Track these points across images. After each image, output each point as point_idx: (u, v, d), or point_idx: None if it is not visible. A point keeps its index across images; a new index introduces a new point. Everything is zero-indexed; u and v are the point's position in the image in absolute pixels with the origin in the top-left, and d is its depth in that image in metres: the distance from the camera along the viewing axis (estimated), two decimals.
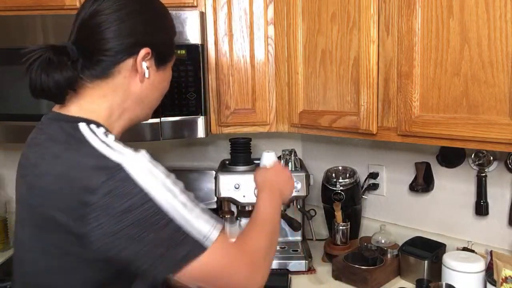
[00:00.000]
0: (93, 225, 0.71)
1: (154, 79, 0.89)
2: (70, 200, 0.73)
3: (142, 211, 0.72)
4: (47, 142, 0.81)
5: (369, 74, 1.23)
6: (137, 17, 0.85)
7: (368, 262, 1.42)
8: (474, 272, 1.25)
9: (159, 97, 0.96)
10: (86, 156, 0.75)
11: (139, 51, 0.84)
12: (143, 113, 0.94)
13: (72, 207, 0.73)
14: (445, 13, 1.05)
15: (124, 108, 0.87)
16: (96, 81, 0.84)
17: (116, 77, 0.84)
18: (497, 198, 1.38)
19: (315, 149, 1.90)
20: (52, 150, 0.79)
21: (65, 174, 0.75)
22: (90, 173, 0.73)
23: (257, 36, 1.52)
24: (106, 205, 0.71)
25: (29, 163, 0.83)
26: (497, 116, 0.98)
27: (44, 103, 1.43)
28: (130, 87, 0.86)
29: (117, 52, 0.83)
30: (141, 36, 0.85)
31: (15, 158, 0.92)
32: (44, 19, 1.39)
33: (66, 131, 0.80)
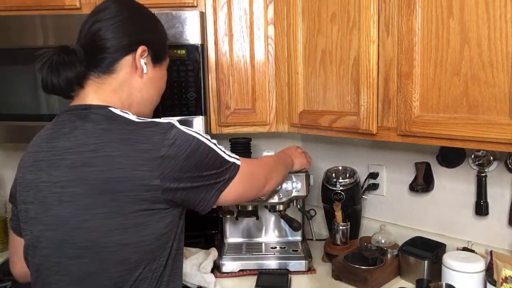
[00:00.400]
0: (167, 171, 0.87)
1: (152, 76, 1.03)
2: (138, 158, 0.86)
3: (200, 152, 0.92)
4: (86, 124, 0.91)
5: (369, 74, 1.23)
6: (130, 20, 0.99)
7: (368, 262, 1.42)
8: (474, 272, 1.24)
9: (158, 94, 1.09)
10: (137, 124, 0.91)
11: (137, 48, 0.98)
12: (145, 109, 1.06)
13: (141, 164, 0.86)
14: (445, 13, 1.05)
15: (130, 102, 1.00)
16: (103, 76, 0.96)
17: (119, 72, 0.97)
18: (497, 198, 1.38)
19: (315, 149, 1.90)
20: (96, 128, 0.89)
21: (125, 139, 0.88)
22: (149, 134, 0.89)
23: (257, 36, 1.52)
24: (173, 154, 0.88)
25: (62, 150, 0.90)
26: (497, 116, 0.98)
27: (44, 103, 1.44)
28: (132, 82, 0.99)
29: (117, 49, 0.96)
30: (136, 35, 0.99)
31: (15, 158, 0.93)
32: (44, 19, 1.39)
33: (100, 114, 0.92)
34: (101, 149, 0.87)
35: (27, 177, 0.95)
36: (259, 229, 1.71)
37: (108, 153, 0.87)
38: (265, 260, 1.55)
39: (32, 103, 1.45)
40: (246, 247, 1.66)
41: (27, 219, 0.95)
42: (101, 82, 0.96)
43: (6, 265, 1.60)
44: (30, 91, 1.44)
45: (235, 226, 1.70)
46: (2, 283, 1.44)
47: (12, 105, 1.45)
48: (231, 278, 1.50)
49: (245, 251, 1.62)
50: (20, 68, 1.43)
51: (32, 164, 0.95)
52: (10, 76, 1.44)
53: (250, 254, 1.59)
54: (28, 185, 0.95)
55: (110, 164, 0.86)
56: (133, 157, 0.86)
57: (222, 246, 1.65)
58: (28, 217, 0.95)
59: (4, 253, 1.75)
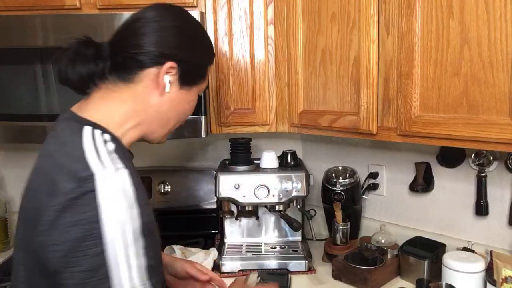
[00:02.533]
0: (47, 227, 0.71)
1: (175, 97, 0.90)
2: (40, 199, 0.74)
3: (86, 229, 0.69)
4: (50, 140, 0.84)
5: (369, 74, 1.23)
6: (173, 31, 0.88)
7: (368, 262, 1.42)
8: (474, 272, 1.25)
9: (178, 118, 0.95)
10: (70, 158, 0.76)
11: (165, 63, 0.86)
12: (159, 131, 0.93)
13: (38, 207, 0.73)
14: (445, 13, 1.05)
15: (140, 119, 0.88)
16: (119, 84, 0.86)
17: (137, 83, 0.86)
18: (497, 198, 1.38)
19: (315, 149, 1.90)
20: (49, 149, 0.82)
21: (47, 174, 0.77)
22: (66, 177, 0.73)
23: (257, 36, 1.52)
24: (63, 212, 0.70)
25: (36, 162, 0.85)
26: (497, 116, 0.98)
27: (44, 103, 1.44)
28: (149, 98, 0.87)
29: (143, 57, 0.85)
30: (169, 49, 0.87)
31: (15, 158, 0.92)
32: (44, 19, 1.39)
33: (70, 131, 0.82)
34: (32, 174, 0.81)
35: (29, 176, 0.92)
36: (259, 229, 1.71)
37: (32, 182, 0.80)
38: (265, 260, 1.55)
39: (32, 103, 1.45)
40: (246, 247, 1.66)
41: None
42: (113, 90, 0.86)
43: (6, 265, 1.60)
44: (30, 91, 1.44)
45: (235, 226, 1.70)
46: (2, 283, 1.44)
47: (12, 105, 1.45)
48: (231, 278, 1.50)
49: (245, 251, 1.62)
50: (20, 68, 1.43)
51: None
52: (10, 76, 1.44)
53: (250, 254, 1.59)
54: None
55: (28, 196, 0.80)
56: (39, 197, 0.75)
57: (222, 246, 1.65)
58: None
59: (4, 253, 1.75)
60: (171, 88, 0.88)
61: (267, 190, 1.52)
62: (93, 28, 1.38)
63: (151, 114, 0.89)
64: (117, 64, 0.85)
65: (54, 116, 1.42)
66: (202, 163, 1.95)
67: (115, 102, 0.86)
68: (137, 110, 0.87)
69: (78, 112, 0.85)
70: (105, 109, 0.86)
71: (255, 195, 1.53)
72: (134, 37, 0.85)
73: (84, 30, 1.37)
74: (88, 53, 0.83)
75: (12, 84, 1.44)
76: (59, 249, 0.70)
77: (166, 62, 0.86)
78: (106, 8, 1.45)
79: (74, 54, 0.82)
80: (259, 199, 1.53)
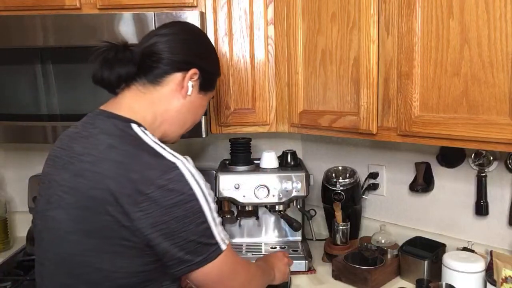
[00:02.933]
0: (143, 213, 0.80)
1: (194, 100, 1.03)
2: (125, 186, 0.81)
3: (187, 208, 0.83)
4: (100, 135, 0.89)
5: (369, 74, 1.23)
6: (191, 42, 1.02)
7: (368, 262, 1.42)
8: (474, 272, 1.25)
9: (193, 120, 1.08)
10: (143, 151, 0.86)
11: (189, 69, 0.98)
12: (177, 131, 1.05)
13: (126, 193, 0.81)
14: (445, 13, 1.05)
15: (164, 119, 0.99)
16: (147, 86, 0.96)
17: (164, 87, 0.97)
18: (497, 198, 1.38)
19: (315, 149, 1.90)
20: (107, 141, 0.87)
21: (123, 162, 0.84)
22: (147, 166, 0.83)
23: (257, 36, 1.52)
24: (158, 197, 0.81)
25: (75, 153, 0.90)
26: (497, 116, 0.98)
27: (44, 104, 1.44)
28: (173, 100, 0.99)
29: (170, 63, 0.96)
30: (192, 57, 1.00)
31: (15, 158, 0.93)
32: (44, 19, 1.39)
33: (119, 127, 0.90)
34: (98, 163, 0.85)
35: (45, 169, 0.97)
36: (259, 229, 1.71)
37: (101, 170, 0.84)
38: None
39: (32, 103, 1.45)
40: (246, 247, 1.66)
41: (37, 209, 0.97)
42: (143, 91, 0.96)
43: (6, 265, 1.60)
44: (30, 91, 1.44)
45: (235, 226, 1.70)
46: (2, 283, 1.45)
47: (12, 105, 1.45)
48: None
49: (245, 251, 1.62)
50: (20, 68, 1.43)
51: (52, 158, 0.95)
52: (10, 76, 1.44)
53: (250, 254, 1.59)
54: (44, 177, 0.96)
55: (97, 182, 0.83)
56: (121, 184, 0.82)
57: None
58: (37, 208, 0.97)
59: (4, 253, 1.75)
60: (192, 92, 1.00)
61: (267, 190, 1.52)
62: (93, 28, 1.38)
63: (172, 115, 1.00)
64: (147, 68, 0.96)
65: (54, 116, 1.45)
66: (202, 163, 1.95)
67: (145, 102, 0.96)
68: (162, 111, 0.98)
69: (112, 110, 0.94)
70: (137, 109, 0.95)
71: (255, 195, 1.53)
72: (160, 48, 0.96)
73: (84, 30, 1.39)
74: (125, 57, 0.93)
75: (12, 84, 1.44)
76: (166, 227, 0.81)
77: (190, 69, 0.98)
78: (106, 8, 1.45)
79: (114, 57, 0.92)
80: (259, 199, 1.53)
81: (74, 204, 0.86)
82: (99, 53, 0.92)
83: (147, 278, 0.87)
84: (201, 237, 0.85)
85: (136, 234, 0.82)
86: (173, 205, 0.81)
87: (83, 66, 1.42)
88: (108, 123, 0.91)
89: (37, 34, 1.40)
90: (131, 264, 0.85)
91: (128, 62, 0.93)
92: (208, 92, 1.07)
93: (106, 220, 0.82)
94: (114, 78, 0.92)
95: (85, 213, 0.85)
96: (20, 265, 1.59)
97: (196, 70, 0.99)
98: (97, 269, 0.85)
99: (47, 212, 0.91)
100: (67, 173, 0.89)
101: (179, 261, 0.85)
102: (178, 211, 0.82)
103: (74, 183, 0.87)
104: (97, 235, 0.84)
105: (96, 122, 0.92)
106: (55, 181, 0.91)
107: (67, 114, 1.44)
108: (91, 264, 0.86)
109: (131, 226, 0.81)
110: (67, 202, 0.87)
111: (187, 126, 1.07)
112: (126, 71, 0.93)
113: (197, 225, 0.84)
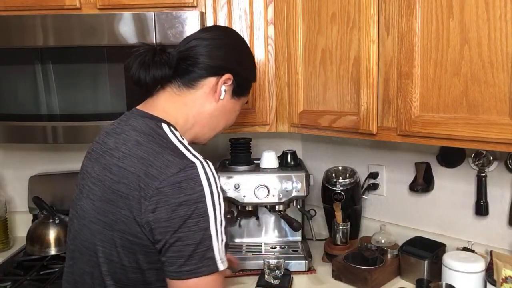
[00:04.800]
0: (152, 207, 0.82)
1: (226, 105, 1.05)
2: (143, 180, 0.84)
3: (193, 208, 0.82)
4: (131, 131, 0.93)
5: (369, 74, 1.23)
6: (228, 48, 1.04)
7: (368, 262, 1.42)
8: (474, 272, 1.25)
9: (225, 124, 1.10)
10: (167, 149, 0.88)
11: (223, 74, 1.00)
12: (208, 134, 1.07)
13: (142, 187, 0.83)
14: (445, 13, 1.05)
15: (196, 121, 1.01)
16: (182, 89, 0.99)
17: (198, 90, 0.99)
18: (497, 198, 1.38)
19: (315, 149, 1.90)
20: (136, 138, 0.91)
21: (145, 158, 0.86)
22: (166, 163, 0.84)
23: (257, 36, 1.52)
24: (169, 193, 0.82)
25: (107, 148, 0.94)
26: (497, 116, 0.98)
27: (44, 104, 1.44)
28: (205, 103, 1.01)
29: (206, 67, 0.98)
30: (228, 62, 1.02)
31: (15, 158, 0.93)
32: (44, 19, 1.39)
33: (150, 126, 0.93)
34: (124, 159, 0.88)
35: (84, 161, 1.01)
36: (259, 229, 1.71)
37: (126, 165, 0.87)
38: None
39: (32, 103, 1.45)
40: (246, 247, 1.66)
41: (73, 198, 1.02)
42: (178, 94, 0.99)
43: (6, 265, 1.60)
44: (30, 91, 1.44)
45: (235, 226, 1.70)
46: (2, 283, 1.45)
47: (12, 105, 1.45)
48: (231, 278, 1.50)
49: (245, 251, 1.62)
50: (20, 68, 1.43)
51: (90, 151, 1.00)
52: (10, 76, 1.44)
53: (250, 254, 1.59)
54: (81, 169, 1.01)
55: (121, 176, 0.87)
56: (140, 178, 0.84)
57: None
58: (73, 197, 1.02)
59: (4, 253, 1.75)
60: (225, 97, 1.02)
61: (267, 190, 1.52)
62: (93, 28, 1.38)
63: (205, 118, 1.02)
64: (182, 71, 0.98)
65: (54, 116, 1.45)
66: None
67: (179, 104, 0.99)
68: (195, 113, 1.00)
69: (146, 110, 0.97)
70: (171, 110, 0.98)
71: (255, 195, 1.53)
72: (197, 52, 0.98)
73: (84, 30, 1.39)
74: (163, 59, 0.95)
75: (12, 84, 1.44)
76: (169, 224, 0.82)
77: (224, 74, 1.00)
78: (106, 8, 1.45)
79: (151, 59, 0.94)
80: (259, 199, 1.53)
81: (100, 196, 0.90)
82: (137, 55, 0.95)
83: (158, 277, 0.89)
84: (199, 244, 0.82)
85: (145, 230, 0.84)
86: (181, 203, 0.82)
87: (83, 66, 1.43)
88: (141, 121, 0.94)
89: (37, 34, 1.40)
90: (139, 260, 0.88)
91: (164, 65, 0.94)
92: (241, 97, 1.09)
93: (122, 214, 0.85)
94: (150, 80, 0.94)
95: (107, 206, 0.88)
96: (20, 265, 1.58)
97: (230, 75, 1.01)
98: (112, 260, 0.89)
99: (78, 202, 0.97)
100: (98, 166, 0.93)
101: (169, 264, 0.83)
102: (184, 210, 0.82)
103: (102, 176, 0.91)
104: (114, 228, 0.87)
105: (130, 120, 0.96)
106: (87, 172, 0.96)
107: (67, 114, 1.44)
108: (107, 255, 0.89)
109: (141, 221, 0.83)
110: (94, 193, 0.92)
111: (218, 129, 1.09)
112: (162, 74, 0.94)
113: (199, 230, 0.82)
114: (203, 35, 1.03)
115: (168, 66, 0.95)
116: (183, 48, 1.00)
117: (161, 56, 0.95)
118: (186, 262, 0.82)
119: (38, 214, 1.74)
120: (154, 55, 0.94)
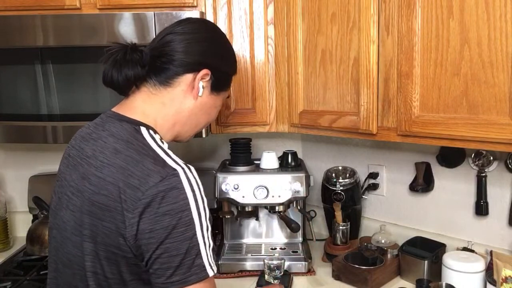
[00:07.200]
0: (136, 219, 0.79)
1: (206, 101, 1.01)
2: (124, 192, 0.80)
3: (178, 217, 0.79)
4: (108, 137, 0.89)
5: (369, 74, 1.23)
6: (205, 42, 0.98)
7: (368, 262, 1.42)
8: (474, 272, 1.25)
9: (206, 121, 1.06)
10: (146, 157, 0.84)
11: (200, 70, 0.96)
12: (189, 132, 1.04)
13: (124, 199, 0.80)
14: (445, 13, 1.05)
15: (175, 120, 0.98)
16: (158, 88, 0.95)
17: (175, 88, 0.95)
18: (497, 198, 1.38)
19: (315, 149, 1.90)
20: (113, 145, 0.87)
21: (125, 168, 0.82)
22: (147, 172, 0.81)
23: (257, 36, 1.52)
24: (153, 203, 0.79)
25: (84, 155, 0.90)
26: (497, 116, 0.98)
27: (44, 104, 1.44)
28: (184, 101, 0.97)
29: (181, 64, 0.94)
30: (205, 57, 0.97)
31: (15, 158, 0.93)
32: (44, 19, 1.39)
33: (128, 131, 0.89)
34: (102, 168, 0.85)
35: (60, 167, 0.98)
36: (259, 230, 1.71)
37: (104, 175, 0.84)
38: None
39: (32, 103, 1.45)
40: (246, 247, 1.66)
41: (51, 206, 0.98)
42: (154, 93, 0.95)
43: (6, 265, 1.60)
44: (30, 91, 1.44)
45: (235, 226, 1.70)
46: (2, 283, 1.45)
47: (12, 105, 1.45)
48: (231, 278, 1.50)
49: (245, 252, 1.62)
50: (20, 68, 1.43)
51: (66, 156, 0.97)
52: (10, 76, 1.44)
53: (250, 254, 1.59)
54: (58, 175, 0.97)
55: (100, 187, 0.83)
56: (120, 189, 0.81)
57: (222, 247, 1.65)
58: (51, 205, 0.98)
59: (4, 253, 1.75)
60: (203, 93, 0.98)
61: (266, 191, 1.52)
62: (93, 28, 1.38)
63: (184, 116, 0.98)
64: (157, 69, 0.94)
65: (54, 116, 1.45)
66: (202, 163, 1.95)
67: (157, 105, 0.95)
68: (174, 112, 0.97)
69: (123, 112, 0.93)
70: (149, 111, 0.94)
71: (255, 196, 1.52)
72: (171, 48, 0.94)
73: (84, 30, 1.39)
74: (134, 58, 0.90)
75: (12, 84, 1.44)
76: (153, 236, 0.79)
77: (201, 69, 0.96)
78: (106, 8, 1.45)
79: (122, 58, 0.90)
80: (258, 199, 1.52)
81: (79, 207, 0.87)
82: (109, 54, 0.91)
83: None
84: (187, 253, 0.80)
85: (129, 243, 0.81)
86: (165, 213, 0.79)
87: (83, 66, 1.43)
88: (118, 126, 0.90)
89: (37, 34, 1.40)
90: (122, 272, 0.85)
91: (136, 64, 0.91)
92: (221, 92, 1.05)
93: (105, 227, 0.82)
94: (122, 79, 0.90)
95: (88, 218, 0.85)
96: (20, 265, 1.59)
97: (207, 71, 0.97)
98: (96, 273, 0.86)
99: (58, 211, 0.93)
100: (76, 174, 0.90)
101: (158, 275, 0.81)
102: (169, 220, 0.79)
103: (80, 186, 0.87)
104: (97, 240, 0.84)
105: (107, 124, 0.92)
106: (66, 180, 0.93)
107: (67, 114, 1.44)
108: (91, 268, 0.86)
109: (125, 234, 0.80)
110: (74, 204, 0.88)
111: (200, 126, 1.06)
112: (134, 73, 0.90)
113: (185, 239, 0.80)
114: (177, 29, 0.96)
115: (141, 65, 0.91)
116: (156, 45, 0.95)
117: (133, 54, 0.91)
118: (174, 273, 0.80)
119: (38, 214, 1.74)
120: (126, 54, 0.90)
